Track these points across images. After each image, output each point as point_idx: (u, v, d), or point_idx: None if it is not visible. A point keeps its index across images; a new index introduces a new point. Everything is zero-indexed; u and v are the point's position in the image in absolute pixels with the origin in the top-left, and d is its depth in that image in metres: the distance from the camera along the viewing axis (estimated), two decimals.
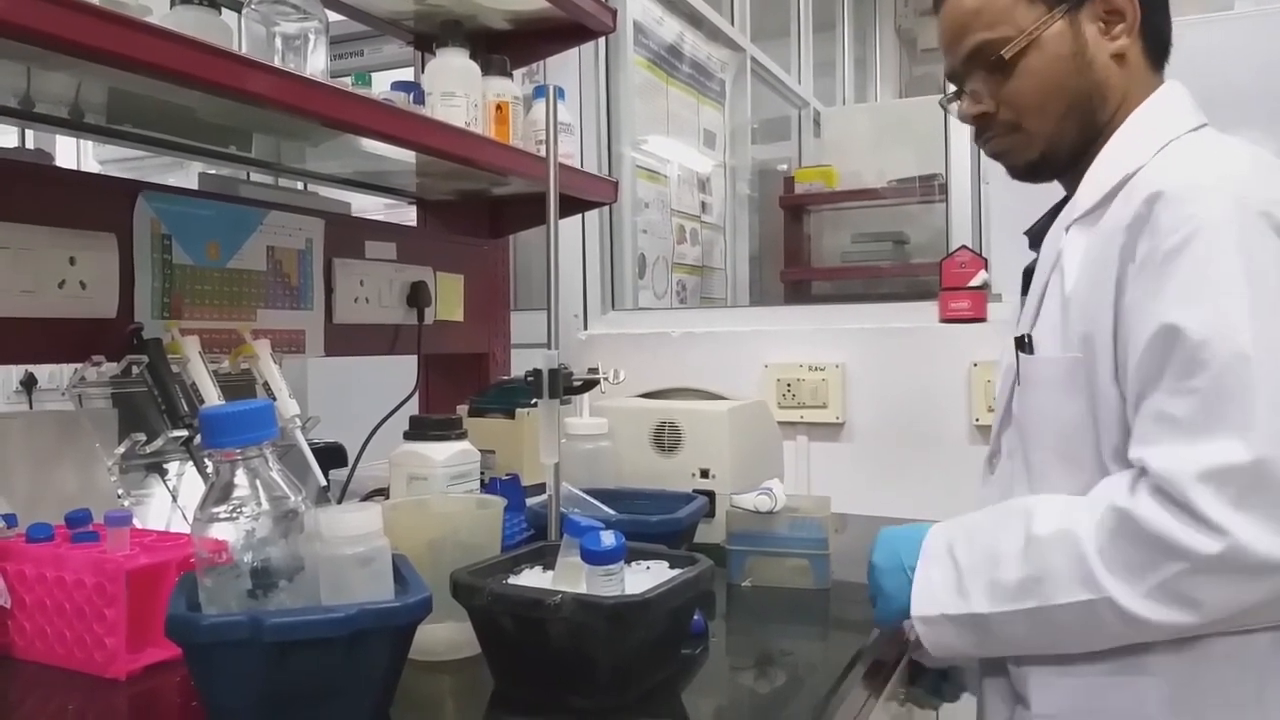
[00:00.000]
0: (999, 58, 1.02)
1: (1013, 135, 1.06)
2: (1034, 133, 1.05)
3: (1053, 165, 1.07)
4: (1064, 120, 1.03)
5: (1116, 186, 0.97)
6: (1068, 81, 1.02)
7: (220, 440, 0.78)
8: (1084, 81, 1.02)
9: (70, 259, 1.19)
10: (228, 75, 1.06)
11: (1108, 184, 0.98)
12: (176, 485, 1.30)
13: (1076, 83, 1.02)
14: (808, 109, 3.99)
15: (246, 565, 0.77)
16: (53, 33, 0.88)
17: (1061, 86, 1.02)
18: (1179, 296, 0.87)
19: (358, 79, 1.42)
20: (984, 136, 1.09)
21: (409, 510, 1.08)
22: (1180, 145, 0.97)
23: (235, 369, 1.33)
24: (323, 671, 0.76)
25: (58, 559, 0.94)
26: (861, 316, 2.02)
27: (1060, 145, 1.05)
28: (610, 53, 2.41)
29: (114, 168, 2.50)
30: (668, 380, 2.01)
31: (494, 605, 0.87)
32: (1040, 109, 1.03)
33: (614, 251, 2.42)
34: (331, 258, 1.58)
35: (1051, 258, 1.03)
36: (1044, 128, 1.04)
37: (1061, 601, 0.89)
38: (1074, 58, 1.02)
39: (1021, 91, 1.03)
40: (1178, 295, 0.87)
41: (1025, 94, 1.03)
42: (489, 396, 1.71)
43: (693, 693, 0.93)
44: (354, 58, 2.64)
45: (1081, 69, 1.02)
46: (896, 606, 1.01)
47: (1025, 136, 1.05)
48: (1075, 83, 1.02)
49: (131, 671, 0.92)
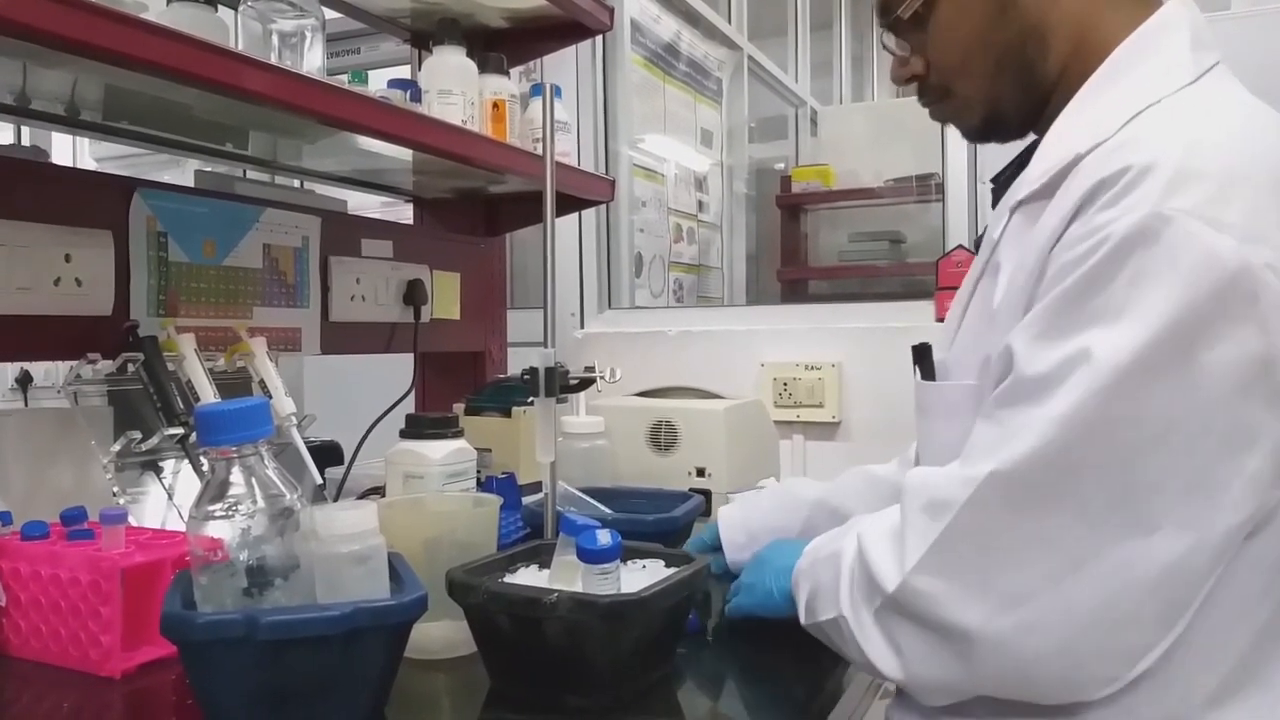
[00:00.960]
0: (902, 15, 0.89)
1: (947, 101, 0.92)
2: (967, 96, 0.90)
3: (1003, 128, 0.92)
4: (996, 78, 0.87)
5: (1064, 170, 0.78)
6: (990, 32, 0.85)
7: (216, 438, 0.78)
8: (1010, 29, 0.85)
9: (66, 256, 1.18)
10: (224, 72, 1.06)
11: (1057, 161, 0.79)
12: (172, 483, 1.29)
13: (1001, 33, 0.85)
14: (805, 108, 3.99)
15: (242, 563, 0.77)
16: (49, 29, 0.88)
17: (982, 41, 0.86)
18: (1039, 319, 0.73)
19: (354, 77, 1.42)
20: (923, 101, 0.95)
21: (405, 509, 1.08)
22: (1156, 116, 0.75)
23: (231, 367, 1.33)
24: (318, 670, 0.75)
25: (53, 556, 0.94)
26: (858, 316, 2.02)
27: (1001, 106, 0.89)
28: (607, 51, 2.41)
29: (110, 165, 2.50)
30: (664, 379, 2.01)
31: (490, 604, 0.87)
32: (964, 68, 0.88)
33: (611, 250, 2.42)
34: (328, 256, 1.58)
35: (986, 251, 0.87)
36: (975, 90, 0.89)
37: (824, 618, 0.85)
38: (993, 2, 0.85)
39: (941, 51, 0.89)
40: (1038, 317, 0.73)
41: (944, 52, 0.89)
42: (485, 395, 1.71)
43: (688, 691, 0.93)
44: (350, 55, 2.64)
45: (1004, 14, 0.85)
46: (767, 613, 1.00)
47: (959, 101, 0.91)
48: (999, 32, 0.85)
49: (126, 670, 0.92)
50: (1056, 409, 0.69)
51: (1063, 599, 0.70)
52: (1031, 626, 0.71)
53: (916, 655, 0.76)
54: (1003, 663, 0.73)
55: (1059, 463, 0.70)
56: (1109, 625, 0.70)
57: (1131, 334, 0.67)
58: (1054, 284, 0.73)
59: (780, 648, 0.99)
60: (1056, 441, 0.69)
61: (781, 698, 0.94)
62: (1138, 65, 0.80)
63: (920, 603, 0.74)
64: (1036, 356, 0.72)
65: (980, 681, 0.75)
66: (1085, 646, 0.71)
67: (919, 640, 0.76)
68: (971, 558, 0.72)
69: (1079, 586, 0.69)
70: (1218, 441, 0.68)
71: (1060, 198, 0.76)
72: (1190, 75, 0.78)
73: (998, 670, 0.74)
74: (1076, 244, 0.72)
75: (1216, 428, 0.67)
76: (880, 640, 0.79)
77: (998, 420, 0.74)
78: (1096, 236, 0.70)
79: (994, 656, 0.72)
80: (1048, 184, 0.79)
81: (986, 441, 0.74)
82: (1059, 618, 0.70)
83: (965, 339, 0.88)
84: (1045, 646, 0.71)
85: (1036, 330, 0.73)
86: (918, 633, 0.76)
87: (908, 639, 0.77)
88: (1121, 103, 0.78)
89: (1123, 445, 0.68)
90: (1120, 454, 0.68)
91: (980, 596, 0.72)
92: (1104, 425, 0.68)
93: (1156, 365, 0.67)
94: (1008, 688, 0.75)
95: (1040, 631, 0.71)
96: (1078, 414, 0.69)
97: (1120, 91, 0.79)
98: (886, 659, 0.79)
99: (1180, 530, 0.68)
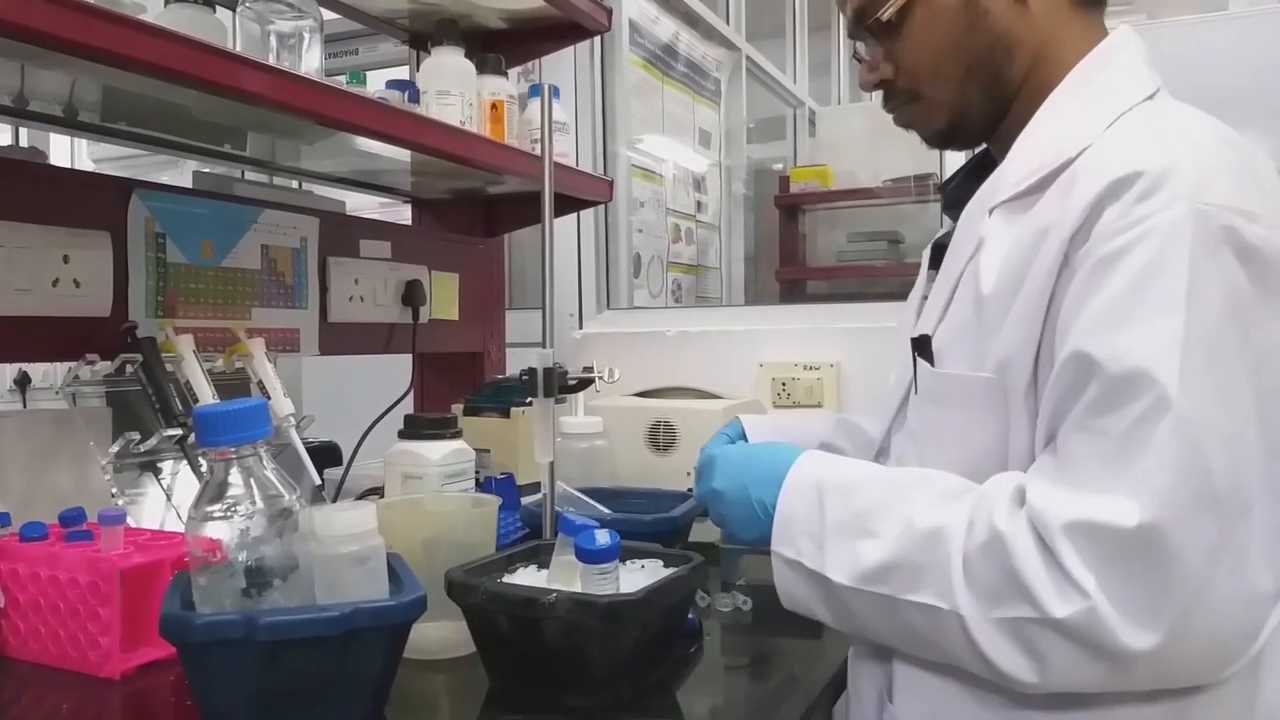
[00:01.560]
0: (879, 20, 0.91)
1: (914, 105, 0.95)
2: (934, 100, 0.93)
3: (965, 133, 0.96)
4: (965, 84, 0.91)
5: (1055, 170, 0.82)
6: (961, 39, 0.89)
7: (214, 439, 0.78)
8: (981, 37, 0.89)
9: (64, 257, 1.18)
10: (222, 73, 1.06)
11: (1044, 164, 0.83)
12: (171, 484, 1.30)
13: (972, 39, 0.89)
14: (803, 108, 3.99)
15: (241, 564, 0.77)
16: (47, 31, 0.88)
17: (955, 45, 0.90)
18: (1104, 316, 0.74)
19: (352, 78, 1.42)
20: (888, 105, 0.97)
21: (404, 509, 1.08)
22: (1134, 121, 0.82)
23: (230, 368, 1.33)
24: (317, 671, 0.76)
25: (52, 558, 0.94)
26: (856, 316, 2.02)
27: (968, 111, 0.93)
28: (606, 52, 2.41)
29: (108, 166, 2.50)
30: (663, 379, 2.01)
31: (489, 604, 0.87)
32: (935, 73, 0.91)
33: (609, 250, 2.42)
34: (326, 256, 1.58)
35: (969, 245, 0.88)
36: (944, 94, 0.92)
37: (913, 599, 0.79)
38: (965, 10, 0.89)
39: (912, 55, 0.92)
40: (1103, 314, 0.74)
41: (916, 58, 0.92)
42: (484, 395, 1.71)
43: (687, 691, 0.93)
44: (349, 56, 2.64)
45: (975, 22, 0.89)
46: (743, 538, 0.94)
47: (926, 105, 0.94)
48: (971, 40, 0.89)
49: (125, 671, 0.92)
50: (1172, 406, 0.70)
51: (1210, 599, 0.71)
52: (1189, 635, 0.71)
53: (1063, 667, 0.74)
54: (1157, 672, 0.73)
55: (1195, 461, 0.71)
56: (1243, 608, 0.73)
57: (1205, 319, 0.71)
58: (1103, 275, 0.74)
59: (778, 647, 1.00)
60: (1187, 440, 0.70)
61: (781, 698, 0.94)
62: (1101, 78, 0.87)
63: (1088, 631, 0.71)
64: (1121, 353, 0.73)
65: (1120, 685, 0.75)
66: (1230, 636, 0.73)
67: (1069, 654, 0.73)
68: (1142, 581, 0.71)
69: (1218, 582, 0.71)
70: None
71: (1058, 194, 0.80)
72: (1150, 89, 0.85)
73: (1149, 679, 0.74)
74: (1115, 236, 0.74)
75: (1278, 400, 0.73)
76: (1015, 648, 0.75)
77: (1099, 431, 0.73)
78: (1137, 229, 0.73)
79: (1150, 668, 0.73)
80: (1037, 183, 0.83)
81: (1102, 456, 0.73)
82: (1208, 620, 0.71)
83: (952, 326, 0.89)
84: (1196, 649, 0.72)
85: (1108, 325, 0.74)
86: (1071, 649, 0.73)
87: (1057, 652, 0.73)
88: (1096, 110, 0.84)
89: (1222, 430, 0.71)
90: (1224, 439, 0.71)
91: (1151, 622, 0.70)
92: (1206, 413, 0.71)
93: (1227, 349, 0.72)
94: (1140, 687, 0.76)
95: (1195, 636, 0.71)
96: (1191, 407, 0.70)
97: (1090, 100, 0.85)
98: (1021, 666, 0.75)
99: (1271, 499, 0.73)
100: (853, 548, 0.83)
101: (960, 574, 0.77)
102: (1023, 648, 0.74)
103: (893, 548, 0.81)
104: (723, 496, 0.96)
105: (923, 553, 0.80)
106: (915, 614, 0.80)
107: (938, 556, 0.79)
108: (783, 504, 0.89)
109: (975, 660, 0.77)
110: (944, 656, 0.81)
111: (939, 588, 0.78)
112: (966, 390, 0.85)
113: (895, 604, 0.81)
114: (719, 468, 0.98)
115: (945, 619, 0.78)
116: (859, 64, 0.98)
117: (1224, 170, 0.75)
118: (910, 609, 0.80)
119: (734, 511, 0.95)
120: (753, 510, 0.92)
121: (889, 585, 0.81)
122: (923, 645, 0.82)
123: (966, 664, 0.79)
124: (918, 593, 0.79)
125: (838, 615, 0.87)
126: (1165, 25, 2.09)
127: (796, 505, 0.88)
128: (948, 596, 0.77)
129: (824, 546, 0.85)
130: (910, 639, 0.83)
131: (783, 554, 0.88)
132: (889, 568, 0.81)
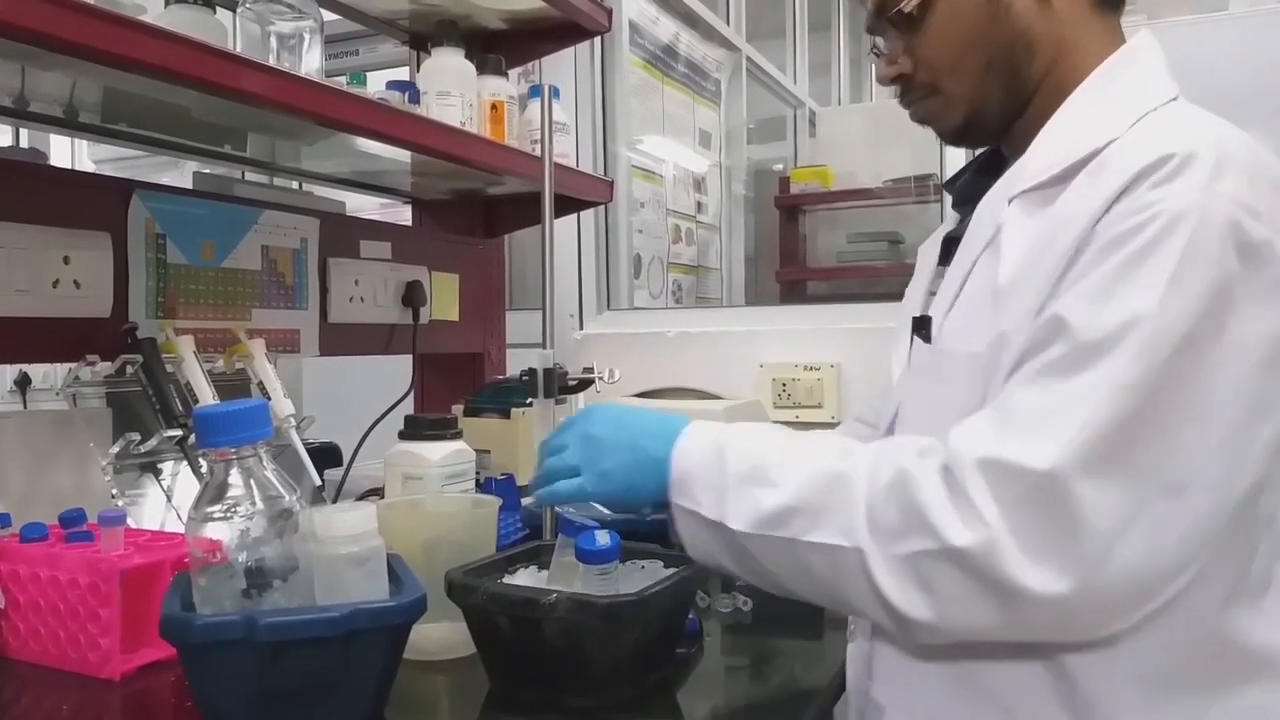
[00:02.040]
0: (902, 12, 0.91)
1: (932, 99, 0.95)
2: (953, 95, 0.93)
3: (982, 129, 0.96)
4: (985, 79, 0.91)
5: (1081, 161, 0.82)
6: (983, 34, 0.90)
7: (214, 439, 0.78)
8: (1002, 32, 0.90)
9: (64, 258, 1.18)
10: (222, 74, 1.06)
11: (1069, 156, 0.84)
12: (171, 485, 1.30)
13: (994, 35, 0.90)
14: (803, 109, 3.99)
15: (241, 565, 0.77)
16: (47, 32, 0.88)
17: (976, 41, 0.90)
18: (1089, 289, 0.75)
19: (352, 79, 1.42)
20: (905, 100, 0.97)
21: (404, 510, 1.08)
22: (1161, 119, 0.83)
23: (230, 369, 1.33)
24: (317, 671, 0.76)
25: (52, 559, 0.94)
26: (857, 316, 2.02)
27: (986, 107, 0.93)
28: (606, 52, 2.41)
29: (108, 168, 2.50)
30: (663, 380, 2.01)
31: (489, 605, 0.87)
32: (955, 68, 0.92)
33: (609, 251, 2.42)
34: (326, 257, 1.58)
35: (986, 233, 0.88)
36: (963, 89, 0.92)
37: (814, 540, 0.79)
38: (987, 4, 0.89)
39: (933, 49, 0.92)
40: (1089, 287, 0.75)
41: (938, 51, 0.92)
42: (484, 396, 1.71)
43: (687, 692, 0.93)
44: (349, 57, 2.64)
45: (998, 18, 0.89)
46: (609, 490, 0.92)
47: (945, 99, 0.94)
48: (992, 35, 0.90)
49: (126, 672, 0.92)
50: (1121, 377, 0.72)
51: (1111, 560, 0.72)
52: (1081, 588, 0.72)
53: (955, 600, 0.75)
54: (1049, 620, 0.74)
55: (1126, 428, 0.72)
56: (1140, 579, 0.74)
57: (1184, 305, 0.72)
58: (1104, 253, 0.76)
59: (778, 648, 1.00)
60: (1122, 410, 0.72)
61: (781, 698, 0.94)
62: (1125, 78, 0.88)
63: (985, 561, 0.73)
64: (1092, 321, 0.74)
65: (1011, 630, 0.76)
66: (1119, 600, 0.74)
67: (963, 587, 0.74)
68: (1044, 525, 0.72)
69: (1123, 545, 0.71)
70: (1245, 409, 0.73)
71: (1087, 182, 0.81)
72: (1173, 93, 0.86)
73: (1040, 627, 0.75)
74: (1124, 219, 0.75)
75: (1244, 397, 0.73)
76: (911, 583, 0.76)
77: (1044, 388, 0.75)
78: (1146, 213, 0.74)
79: (1042, 615, 0.73)
80: (1062, 173, 0.83)
81: (1040, 410, 0.74)
82: (1103, 579, 0.72)
83: (962, 311, 0.89)
84: (1086, 604, 0.73)
85: (1091, 296, 0.75)
86: (965, 581, 0.74)
87: (950, 584, 0.74)
88: (1124, 105, 0.85)
89: (1170, 411, 0.72)
90: (1168, 419, 0.72)
91: (1048, 564, 0.72)
92: (1159, 392, 0.72)
93: (1200, 337, 0.72)
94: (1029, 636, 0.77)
95: (1086, 591, 0.72)
96: (1142, 382, 0.72)
97: (1115, 98, 0.86)
98: (916, 603, 0.76)
99: (1207, 491, 0.73)
100: (753, 496, 0.83)
101: (863, 512, 0.78)
102: (918, 582, 0.75)
103: (794, 493, 0.82)
104: (600, 441, 0.92)
105: (825, 495, 0.81)
106: (816, 555, 0.80)
107: (841, 498, 0.80)
108: (679, 456, 0.88)
109: (874, 601, 0.78)
110: (845, 603, 0.82)
111: (840, 526, 0.79)
112: (956, 366, 0.86)
113: (795, 546, 0.81)
114: (597, 416, 0.95)
115: (846, 557, 0.78)
116: (876, 58, 0.98)
117: (1239, 166, 0.76)
118: (811, 551, 0.80)
119: (615, 459, 0.91)
120: (636, 458, 0.90)
121: (789, 528, 0.81)
122: (826, 591, 0.82)
123: (868, 609, 0.79)
124: (819, 532, 0.80)
125: (740, 563, 0.86)
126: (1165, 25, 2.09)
127: (695, 458, 0.87)
128: (849, 534, 0.78)
129: (724, 497, 0.85)
130: (813, 585, 0.82)
131: (681, 504, 0.87)
132: (790, 511, 0.81)
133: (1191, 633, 0.78)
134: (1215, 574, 0.78)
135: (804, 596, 0.85)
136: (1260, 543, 0.80)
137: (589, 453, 0.93)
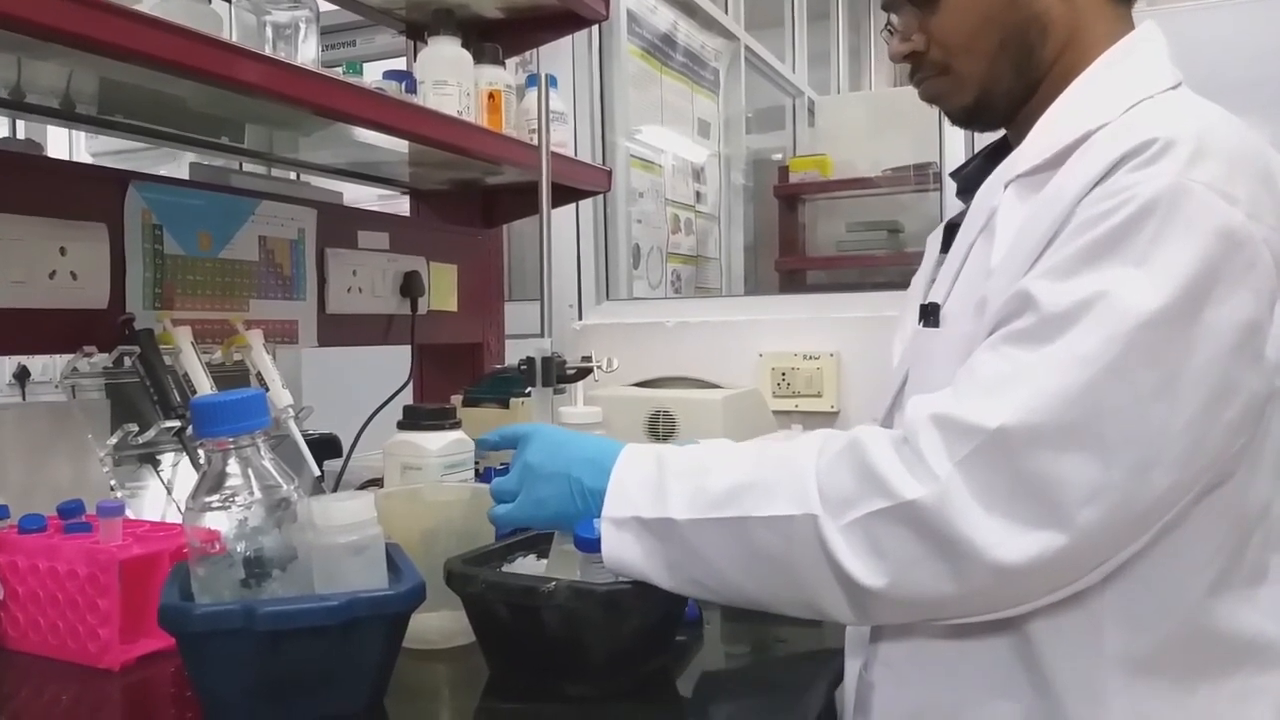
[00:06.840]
0: None
1: (943, 78, 0.95)
2: (965, 74, 0.93)
3: (991, 111, 0.96)
4: (997, 60, 0.92)
5: (1072, 145, 0.83)
6: (999, 14, 0.90)
7: (212, 429, 0.78)
8: (1018, 13, 0.90)
9: (61, 249, 1.18)
10: (218, 64, 1.06)
11: (1061, 139, 0.85)
12: (170, 476, 1.30)
13: (1009, 16, 0.90)
14: (802, 98, 3.98)
15: (239, 554, 0.77)
16: (41, 21, 0.88)
17: (991, 20, 0.91)
18: (1061, 265, 0.76)
19: (349, 68, 1.42)
20: (916, 78, 0.98)
21: (403, 499, 1.08)
22: (1155, 105, 0.83)
23: (228, 360, 1.33)
24: (316, 660, 0.76)
25: (50, 550, 0.94)
26: (856, 305, 2.02)
27: (995, 88, 0.93)
28: (604, 41, 2.40)
29: (106, 160, 2.49)
30: (662, 369, 2.01)
31: (488, 593, 0.87)
32: (969, 47, 0.92)
33: (608, 241, 2.42)
34: (324, 248, 1.58)
35: (982, 217, 0.90)
36: (976, 68, 0.93)
37: (764, 514, 0.78)
38: None
39: (948, 27, 0.92)
40: (1061, 263, 0.76)
41: (952, 30, 0.92)
42: (483, 386, 1.71)
43: (687, 679, 0.94)
44: (346, 48, 2.63)
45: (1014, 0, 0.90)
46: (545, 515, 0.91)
47: (956, 79, 0.94)
48: (1008, 16, 0.90)
49: (125, 662, 0.92)
50: (1081, 348, 0.73)
51: (1071, 529, 0.72)
52: (1038, 556, 0.72)
53: (904, 561, 0.74)
54: (994, 582, 0.74)
55: (1083, 400, 0.72)
56: (1094, 551, 0.74)
57: (1151, 285, 0.73)
58: (1077, 234, 0.77)
59: (778, 635, 1.00)
60: (1081, 381, 0.72)
61: (782, 686, 0.94)
62: (1125, 65, 0.89)
63: (935, 515, 0.73)
64: (1059, 295, 0.75)
65: (965, 602, 0.76)
66: (1073, 571, 0.75)
67: (911, 546, 0.74)
68: (990, 481, 0.73)
69: (1085, 515, 0.72)
70: (1209, 392, 0.73)
71: (1074, 166, 0.81)
72: (1173, 81, 0.87)
73: (983, 587, 0.75)
74: (1101, 201, 0.76)
75: (1211, 380, 0.73)
76: (863, 546, 0.75)
77: (1006, 356, 0.76)
78: (1121, 195, 0.75)
79: (987, 576, 0.73)
80: (1054, 157, 0.84)
81: (1000, 375, 0.75)
82: (1059, 549, 0.72)
83: (960, 295, 0.90)
84: (1039, 572, 0.73)
85: (1060, 273, 0.76)
86: (912, 539, 0.74)
87: (897, 544, 0.74)
88: (1120, 92, 0.85)
89: (1136, 389, 0.72)
90: (1134, 397, 0.72)
91: (996, 519, 0.72)
92: (1123, 369, 0.72)
93: (1170, 318, 0.72)
94: (978, 606, 0.77)
95: (1044, 561, 0.72)
96: (1102, 355, 0.72)
97: (1116, 83, 0.87)
98: (868, 569, 0.75)
99: (1169, 469, 0.73)
100: (696, 482, 0.83)
101: (814, 480, 0.78)
102: (871, 547, 0.75)
103: (743, 472, 0.82)
104: (534, 470, 0.91)
105: (774, 470, 0.81)
106: (767, 532, 0.79)
107: (790, 471, 0.80)
108: (616, 475, 0.86)
109: (827, 573, 0.77)
110: (797, 585, 0.80)
111: (793, 496, 0.78)
112: (952, 348, 0.87)
113: (745, 526, 0.80)
114: (534, 444, 0.93)
115: (798, 526, 0.77)
116: (890, 35, 0.99)
117: (1221, 153, 0.76)
118: (761, 528, 0.79)
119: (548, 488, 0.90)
120: (570, 489, 0.89)
121: (739, 506, 0.80)
122: (775, 576, 0.80)
123: (821, 585, 0.78)
124: (771, 505, 0.79)
125: (677, 565, 0.83)
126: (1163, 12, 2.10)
127: (631, 472, 0.86)
128: (801, 503, 0.78)
129: (665, 491, 0.83)
130: (763, 570, 0.81)
131: (615, 516, 0.84)
132: (740, 488, 0.81)
133: (1175, 620, 0.79)
134: (1199, 562, 0.79)
135: (749, 594, 0.83)
136: (1254, 533, 0.81)
137: (525, 478, 0.92)
